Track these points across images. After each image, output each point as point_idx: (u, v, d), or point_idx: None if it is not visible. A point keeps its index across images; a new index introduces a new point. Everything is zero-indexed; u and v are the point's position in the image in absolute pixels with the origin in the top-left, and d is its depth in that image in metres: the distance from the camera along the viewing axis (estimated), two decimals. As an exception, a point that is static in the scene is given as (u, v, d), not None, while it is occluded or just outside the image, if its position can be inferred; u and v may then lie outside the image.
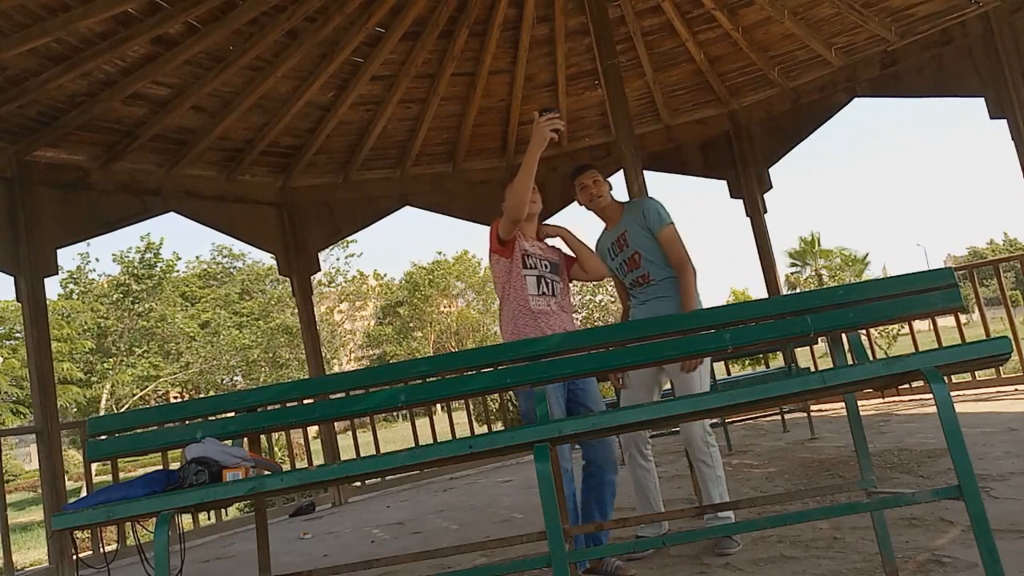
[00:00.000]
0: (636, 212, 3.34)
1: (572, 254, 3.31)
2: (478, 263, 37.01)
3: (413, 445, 4.92)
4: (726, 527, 2.84)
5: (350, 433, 7.82)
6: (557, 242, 3.36)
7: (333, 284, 32.93)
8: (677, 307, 3.18)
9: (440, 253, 37.18)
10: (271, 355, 28.88)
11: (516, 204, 2.92)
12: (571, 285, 3.34)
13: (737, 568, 2.76)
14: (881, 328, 16.16)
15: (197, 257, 40.17)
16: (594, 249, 3.43)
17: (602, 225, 3.48)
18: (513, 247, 3.03)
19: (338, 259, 32.59)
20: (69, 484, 11.72)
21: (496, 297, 3.20)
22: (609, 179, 3.45)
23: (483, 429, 9.13)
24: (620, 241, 3.36)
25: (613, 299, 27.75)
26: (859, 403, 2.55)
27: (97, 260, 50.57)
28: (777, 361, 8.60)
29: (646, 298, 3.30)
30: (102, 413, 22.43)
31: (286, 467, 5.06)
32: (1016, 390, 6.07)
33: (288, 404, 2.65)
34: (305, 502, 6.42)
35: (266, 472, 2.28)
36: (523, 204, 2.92)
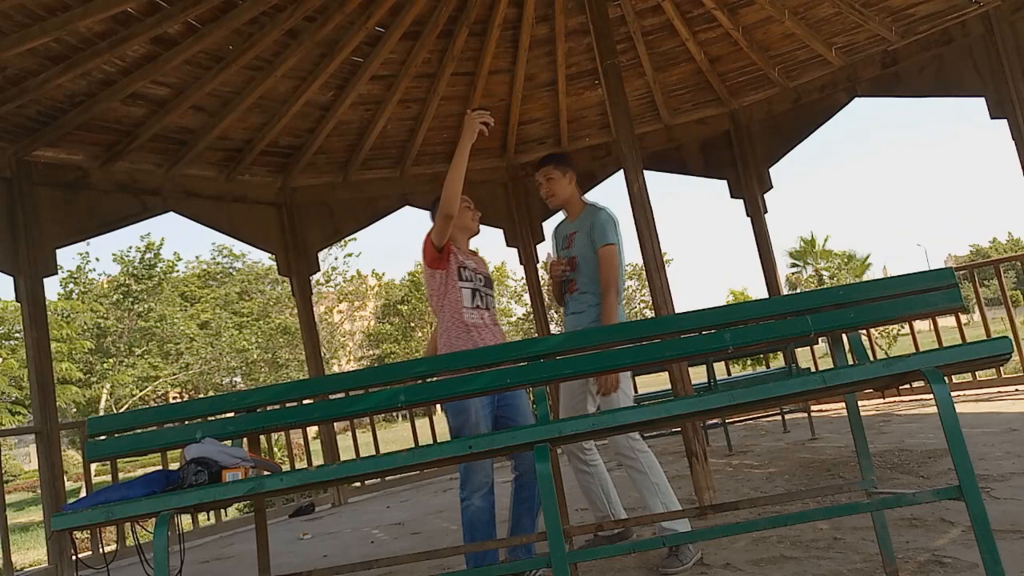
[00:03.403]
0: (588, 220, 3.33)
1: None
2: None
3: (413, 445, 4.92)
4: (691, 534, 2.62)
5: (350, 433, 7.81)
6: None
7: (330, 283, 32.88)
8: (591, 324, 3.21)
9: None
10: (270, 356, 28.86)
11: (447, 199, 2.87)
12: None
13: (738, 568, 2.75)
14: (881, 328, 16.16)
15: (197, 257, 40.25)
16: (552, 232, 3.55)
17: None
18: (449, 258, 3.00)
19: (336, 259, 32.59)
20: (68, 484, 11.73)
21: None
22: (568, 173, 3.38)
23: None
24: (569, 239, 3.40)
25: None
26: (859, 403, 2.55)
27: (97, 260, 50.69)
28: (777, 361, 8.60)
29: (569, 309, 3.35)
30: (101, 413, 22.42)
31: (286, 467, 5.07)
32: (1017, 390, 6.07)
33: (288, 404, 2.64)
34: (305, 502, 6.42)
35: (266, 472, 2.28)
36: (455, 198, 2.87)
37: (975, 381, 6.38)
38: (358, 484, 6.64)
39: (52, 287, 36.60)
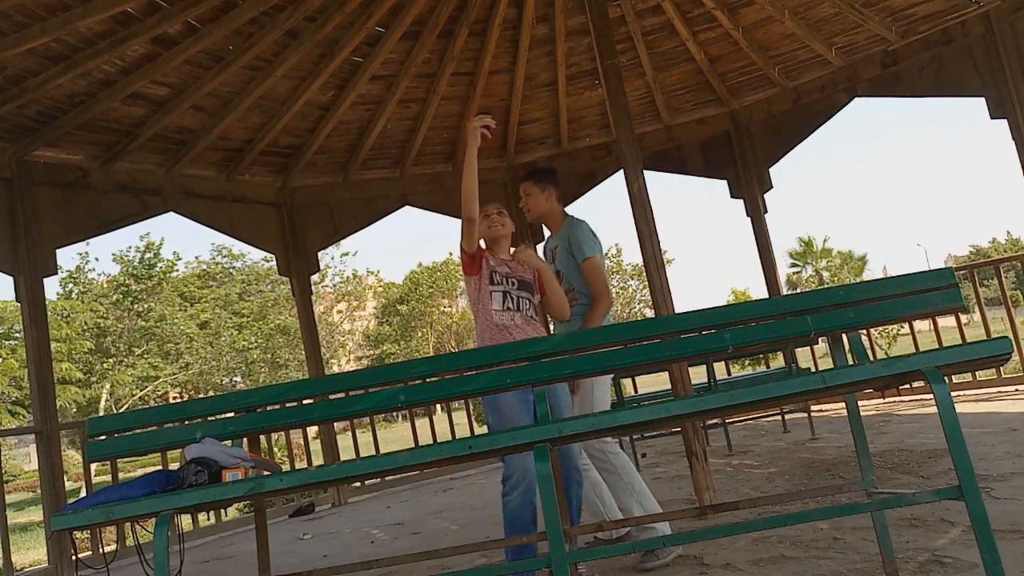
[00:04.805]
0: (566, 235, 3.38)
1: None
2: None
3: (413, 445, 4.92)
4: (673, 536, 2.69)
5: (350, 433, 7.81)
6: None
7: (325, 282, 32.85)
8: None
9: (451, 254, 37.20)
10: (270, 356, 28.88)
11: (464, 204, 3.00)
12: None
13: (738, 568, 2.75)
14: (881, 328, 16.16)
15: (197, 257, 40.28)
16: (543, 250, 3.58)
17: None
18: (480, 265, 3.13)
19: (333, 258, 32.60)
20: (68, 484, 11.71)
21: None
22: (547, 189, 3.43)
23: (483, 429, 9.10)
24: (552, 254, 3.47)
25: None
26: (859, 403, 2.55)
27: (96, 260, 50.71)
28: (777, 361, 8.60)
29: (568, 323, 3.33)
30: (101, 413, 22.42)
31: (286, 467, 5.07)
32: (1016, 390, 6.07)
33: (288, 404, 2.64)
34: (305, 502, 6.42)
35: (266, 472, 2.28)
36: (469, 203, 2.99)
37: (975, 381, 6.37)
38: (358, 484, 6.63)
39: (52, 287, 36.61)
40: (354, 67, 6.06)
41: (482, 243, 3.21)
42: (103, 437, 2.66)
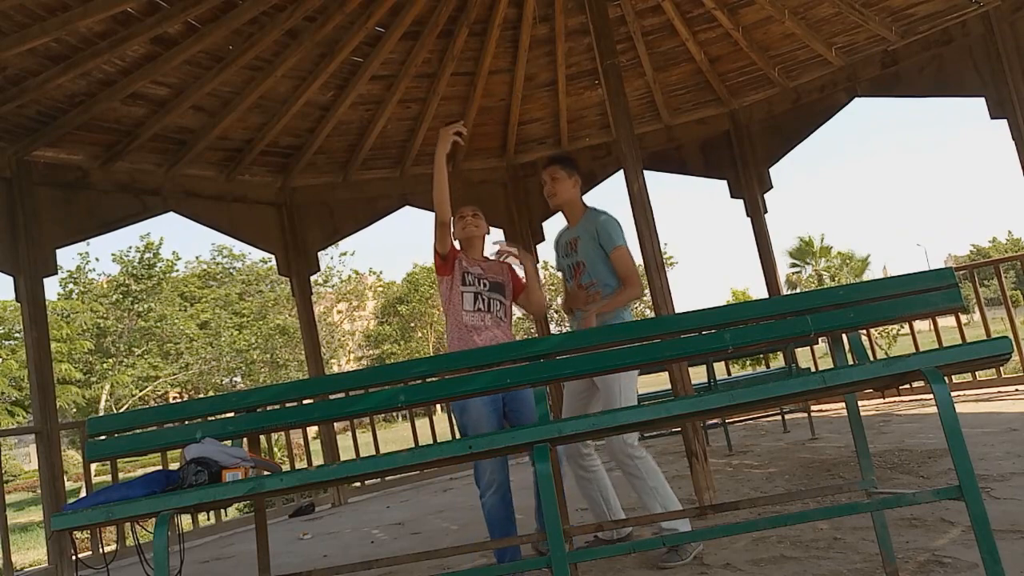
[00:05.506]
0: (591, 225, 3.34)
1: (522, 278, 3.40)
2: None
3: (413, 445, 4.92)
4: (696, 533, 2.69)
5: (350, 433, 7.81)
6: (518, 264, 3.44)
7: (328, 283, 32.83)
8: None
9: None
10: (270, 356, 28.86)
11: (436, 206, 3.08)
12: None
13: (738, 568, 2.75)
14: (881, 328, 16.16)
15: (197, 257, 40.27)
16: (554, 242, 3.58)
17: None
18: (453, 266, 3.18)
19: (332, 258, 32.58)
20: (68, 484, 11.71)
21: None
22: (574, 176, 3.43)
23: (483, 429, 9.06)
24: (572, 244, 3.42)
25: None
26: (859, 403, 2.55)
27: (97, 260, 50.71)
28: (777, 361, 8.60)
29: (585, 312, 3.30)
30: (101, 413, 22.41)
31: (286, 467, 5.06)
32: (1017, 390, 6.07)
33: (288, 404, 2.64)
34: (304, 502, 6.42)
35: (266, 472, 2.28)
36: (441, 206, 3.07)
37: (975, 381, 6.37)
38: (358, 484, 6.63)
39: (52, 287, 36.61)
40: (354, 67, 6.06)
41: (456, 244, 3.25)
42: (103, 437, 2.66)
